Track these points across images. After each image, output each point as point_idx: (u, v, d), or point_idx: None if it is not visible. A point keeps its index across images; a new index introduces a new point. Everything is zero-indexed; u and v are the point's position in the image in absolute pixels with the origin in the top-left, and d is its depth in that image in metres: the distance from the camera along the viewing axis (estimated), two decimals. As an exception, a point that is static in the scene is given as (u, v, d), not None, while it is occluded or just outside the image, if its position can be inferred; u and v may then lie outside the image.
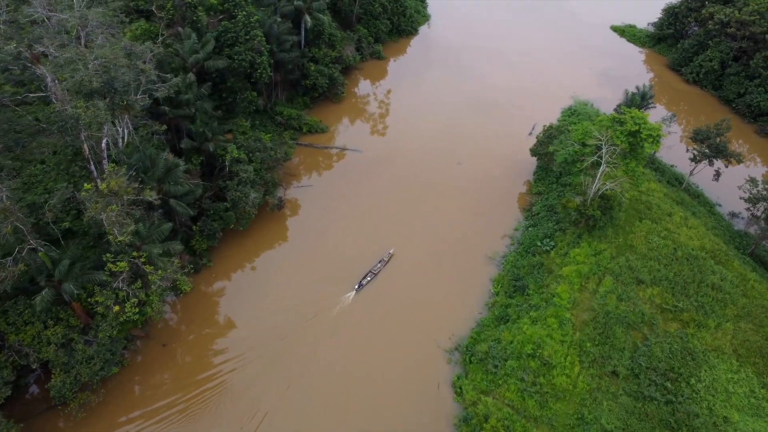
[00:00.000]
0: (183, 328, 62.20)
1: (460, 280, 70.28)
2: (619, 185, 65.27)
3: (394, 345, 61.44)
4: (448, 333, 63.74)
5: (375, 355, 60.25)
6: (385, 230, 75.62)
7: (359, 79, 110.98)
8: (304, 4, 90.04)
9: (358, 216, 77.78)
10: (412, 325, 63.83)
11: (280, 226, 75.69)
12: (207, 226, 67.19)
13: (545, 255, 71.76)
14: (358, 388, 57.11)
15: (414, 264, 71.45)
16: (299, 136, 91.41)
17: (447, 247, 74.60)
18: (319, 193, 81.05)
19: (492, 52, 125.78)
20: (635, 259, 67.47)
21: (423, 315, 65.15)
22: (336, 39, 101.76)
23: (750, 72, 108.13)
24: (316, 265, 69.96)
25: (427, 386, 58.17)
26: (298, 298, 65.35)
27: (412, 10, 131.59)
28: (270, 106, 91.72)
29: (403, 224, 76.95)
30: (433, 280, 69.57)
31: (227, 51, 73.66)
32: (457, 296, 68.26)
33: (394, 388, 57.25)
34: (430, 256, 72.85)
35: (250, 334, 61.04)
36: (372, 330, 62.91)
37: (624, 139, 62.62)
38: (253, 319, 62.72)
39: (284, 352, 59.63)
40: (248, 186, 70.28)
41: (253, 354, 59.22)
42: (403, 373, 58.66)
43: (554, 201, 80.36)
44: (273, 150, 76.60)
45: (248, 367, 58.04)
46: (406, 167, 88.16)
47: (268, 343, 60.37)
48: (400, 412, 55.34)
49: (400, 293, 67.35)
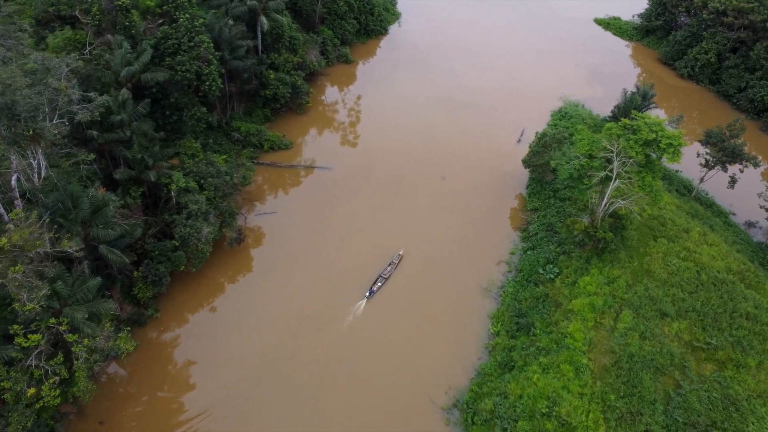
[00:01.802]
0: (128, 395, 52.38)
1: (453, 318, 61.86)
2: (633, 203, 57.46)
3: (380, 404, 52.57)
4: (443, 386, 55.12)
5: (357, 418, 51.23)
6: (359, 262, 66.72)
7: (326, 86, 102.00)
8: (259, 5, 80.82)
9: (330, 246, 68.79)
10: (400, 376, 55.10)
11: (240, 262, 66.31)
12: (151, 271, 57.55)
13: (549, 284, 63.70)
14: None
15: (397, 302, 62.77)
16: (260, 155, 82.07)
17: (435, 279, 66.16)
18: (285, 221, 71.82)
19: (469, 52, 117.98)
20: (655, 286, 59.74)
21: (413, 363, 56.62)
22: (298, 42, 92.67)
23: (750, 64, 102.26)
24: (279, 307, 60.89)
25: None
26: (261, 342, 56.69)
27: (381, 8, 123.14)
28: (225, 122, 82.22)
29: (380, 254, 68.12)
30: (421, 321, 61.02)
31: (168, 61, 63.96)
32: (450, 338, 59.81)
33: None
34: (417, 291, 64.29)
35: (211, 390, 52.24)
36: (352, 388, 53.88)
37: (639, 150, 54.81)
38: (212, 372, 53.76)
39: (253, 402, 50.55)
40: (200, 219, 60.85)
41: (220, 411, 50.41)
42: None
43: (553, 219, 72.51)
44: (229, 174, 67.22)
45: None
46: (382, 185, 79.47)
47: (236, 397, 51.55)
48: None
49: (383, 337, 58.71)
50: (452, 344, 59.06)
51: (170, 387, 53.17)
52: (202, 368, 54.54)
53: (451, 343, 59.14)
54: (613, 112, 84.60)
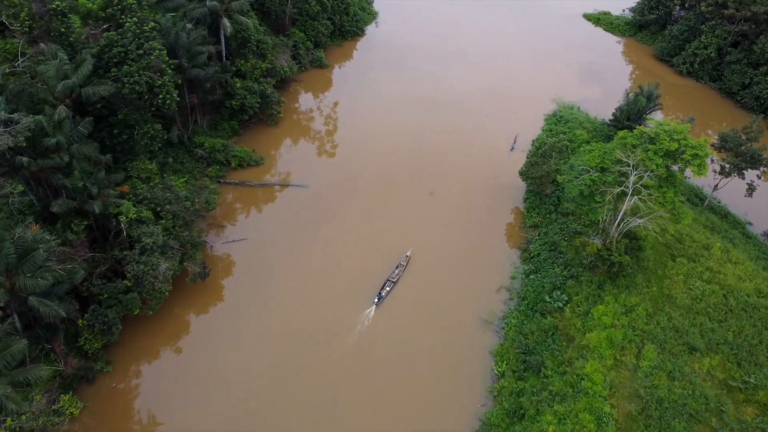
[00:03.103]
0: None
1: (450, 357, 55.32)
2: (652, 221, 51.20)
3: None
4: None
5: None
6: (343, 293, 59.80)
7: (299, 93, 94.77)
8: (221, 5, 73.46)
9: (307, 277, 61.70)
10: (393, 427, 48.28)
11: (206, 299, 58.98)
12: (99, 318, 50.05)
13: (558, 314, 57.22)
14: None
15: (388, 336, 56.00)
16: (227, 173, 74.68)
17: (428, 310, 59.55)
18: (257, 248, 64.60)
19: (453, 53, 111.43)
20: (679, 315, 53.59)
21: (406, 410, 49.81)
22: (266, 47, 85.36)
23: (754, 59, 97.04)
24: (251, 347, 53.75)
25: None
26: (243, 387, 49.95)
27: (356, 8, 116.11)
28: (187, 137, 74.64)
29: (366, 283, 61.19)
30: (415, 359, 54.35)
31: (114, 72, 56.31)
32: (448, 381, 53.24)
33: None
34: (408, 325, 57.65)
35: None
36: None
37: (660, 162, 48.50)
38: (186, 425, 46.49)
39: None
40: (156, 254, 53.51)
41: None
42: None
43: (557, 237, 66.12)
44: (190, 199, 59.77)
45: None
46: (364, 203, 72.53)
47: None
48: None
49: (375, 381, 51.94)
50: (451, 389, 52.37)
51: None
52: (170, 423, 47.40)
53: (449, 387, 52.45)
54: (615, 115, 78.58)
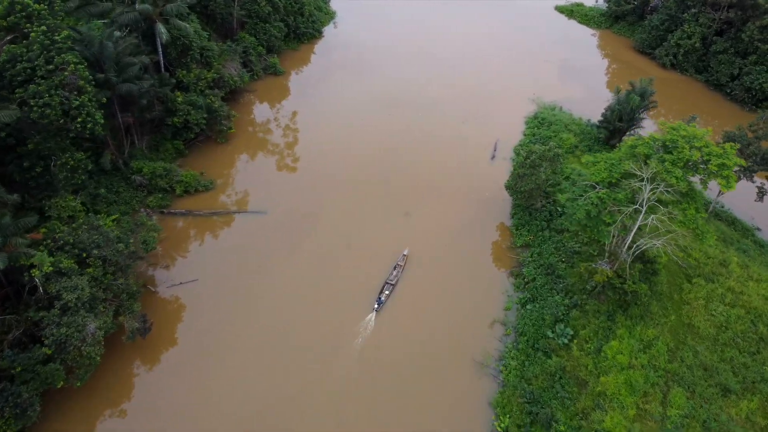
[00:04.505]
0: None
1: (442, 409, 47.53)
2: (670, 242, 44.35)
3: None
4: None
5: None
6: (313, 338, 51.70)
7: (252, 105, 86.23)
8: (154, 9, 64.56)
9: (269, 324, 53.39)
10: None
11: (150, 357, 50.35)
12: (10, 399, 40.95)
13: (564, 352, 50.08)
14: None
15: (369, 389, 48.05)
16: (172, 201, 65.84)
17: (413, 354, 51.81)
18: (209, 290, 55.97)
19: (420, 54, 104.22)
20: (705, 349, 46.94)
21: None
22: (212, 54, 76.66)
23: (741, 47, 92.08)
24: (216, 408, 45.23)
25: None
26: None
27: (312, 8, 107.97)
28: (123, 162, 65.53)
29: (336, 326, 53.21)
30: (401, 417, 46.30)
31: (20, 93, 47.10)
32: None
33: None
34: (391, 373, 49.69)
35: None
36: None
37: (680, 174, 41.60)
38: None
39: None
40: (82, 312, 44.69)
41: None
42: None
43: (553, 258, 59.14)
44: (123, 240, 50.85)
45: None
46: (331, 230, 64.52)
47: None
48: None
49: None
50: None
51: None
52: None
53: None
54: (605, 115, 72.27)
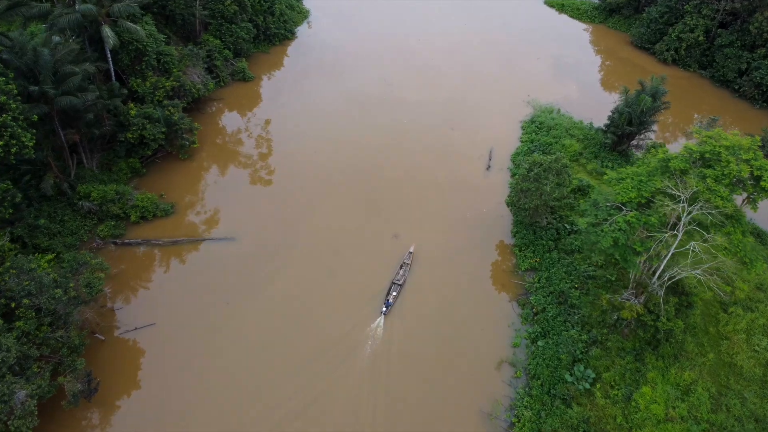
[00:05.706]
0: None
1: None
2: (711, 271, 37.77)
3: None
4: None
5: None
6: (289, 391, 44.37)
7: (219, 115, 78.49)
8: (98, 10, 56.75)
9: (238, 373, 45.99)
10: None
11: (98, 423, 42.58)
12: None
13: (586, 399, 43.30)
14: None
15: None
16: (126, 230, 58.07)
17: (409, 409, 44.56)
18: (170, 335, 48.39)
19: (402, 54, 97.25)
20: (754, 395, 40.40)
21: None
22: (171, 59, 68.85)
23: (748, 40, 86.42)
24: None
25: None
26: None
27: (283, 6, 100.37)
28: (69, 185, 57.67)
29: (315, 377, 45.95)
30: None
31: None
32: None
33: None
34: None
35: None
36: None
37: (726, 194, 35.00)
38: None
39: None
40: (9, 376, 37.19)
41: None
42: None
43: (564, 285, 52.58)
44: (62, 285, 43.19)
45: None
46: (310, 258, 57.32)
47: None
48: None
49: None
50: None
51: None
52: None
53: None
54: (611, 118, 65.81)
